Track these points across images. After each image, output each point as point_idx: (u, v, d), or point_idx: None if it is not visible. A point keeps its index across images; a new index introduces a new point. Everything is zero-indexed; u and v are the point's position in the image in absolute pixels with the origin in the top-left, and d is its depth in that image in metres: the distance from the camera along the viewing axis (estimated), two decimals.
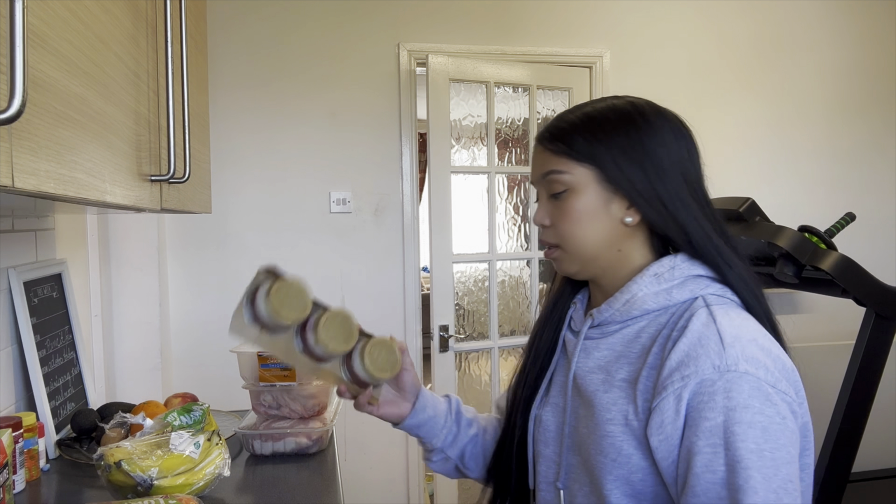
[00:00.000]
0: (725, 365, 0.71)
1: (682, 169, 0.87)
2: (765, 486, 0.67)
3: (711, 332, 0.74)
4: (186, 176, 1.29)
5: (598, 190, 0.83)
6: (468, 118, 2.76)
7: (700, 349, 0.73)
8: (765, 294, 0.84)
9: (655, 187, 0.81)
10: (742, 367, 0.71)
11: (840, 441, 2.08)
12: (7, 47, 0.58)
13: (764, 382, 0.71)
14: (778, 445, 0.69)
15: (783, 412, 0.70)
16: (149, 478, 1.10)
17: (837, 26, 3.03)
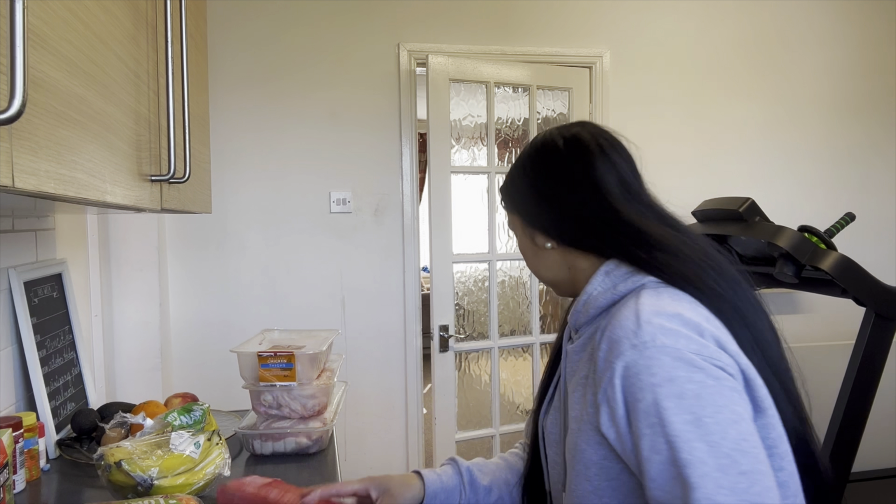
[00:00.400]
0: (643, 342, 0.71)
1: (593, 186, 0.88)
2: (713, 453, 0.65)
3: (630, 314, 0.74)
4: (186, 176, 1.29)
5: (524, 230, 0.94)
6: (468, 118, 2.76)
7: (620, 332, 0.73)
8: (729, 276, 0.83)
9: (557, 216, 0.89)
10: (659, 342, 0.70)
11: (840, 441, 2.08)
12: (7, 47, 0.58)
13: (685, 351, 0.69)
14: (717, 408, 0.67)
15: (715, 374, 0.69)
16: (149, 478, 1.10)
17: (837, 27, 3.03)
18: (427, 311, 2.73)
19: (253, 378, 1.48)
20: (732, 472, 0.64)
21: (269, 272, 2.61)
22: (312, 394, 1.49)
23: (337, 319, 2.65)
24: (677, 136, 2.90)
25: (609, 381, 0.72)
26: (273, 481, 1.08)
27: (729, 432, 0.66)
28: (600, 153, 0.90)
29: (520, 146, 2.85)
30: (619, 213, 0.86)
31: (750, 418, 0.70)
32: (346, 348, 2.64)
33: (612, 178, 0.89)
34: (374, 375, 2.68)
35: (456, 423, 2.66)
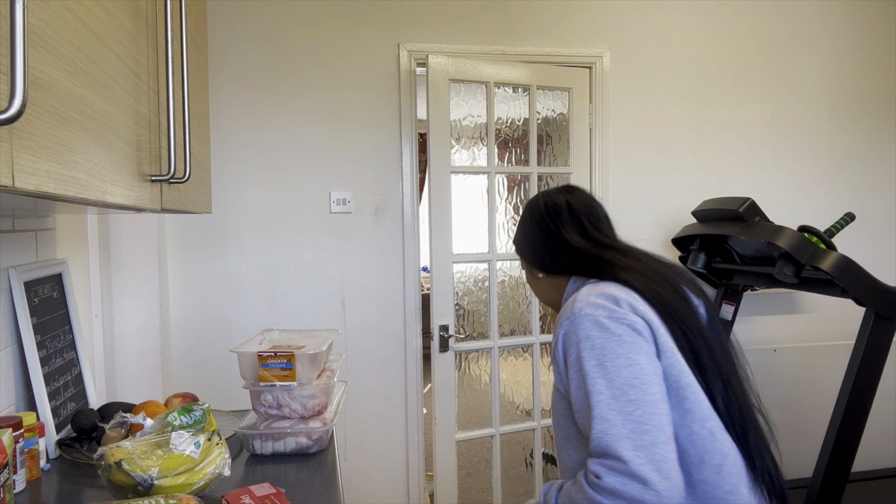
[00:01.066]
0: (573, 314, 1.04)
1: (560, 236, 1.26)
2: (609, 386, 0.95)
3: (572, 299, 1.09)
4: (187, 176, 1.29)
5: (527, 267, 1.34)
6: (468, 118, 2.76)
7: (563, 312, 1.07)
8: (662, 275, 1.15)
9: (537, 255, 1.28)
10: (584, 312, 1.03)
11: (840, 441, 2.08)
12: (7, 47, 0.58)
13: (600, 317, 1.02)
14: (615, 355, 0.97)
15: (618, 332, 1.00)
16: (149, 477, 1.10)
17: (837, 26, 3.03)
18: (427, 311, 2.73)
19: (253, 378, 1.48)
20: (622, 399, 0.94)
21: (269, 272, 2.61)
22: (312, 394, 1.49)
23: (337, 319, 2.65)
24: (677, 135, 2.90)
25: (555, 347, 1.06)
26: (276, 492, 1.08)
27: (622, 372, 0.96)
28: (569, 214, 1.27)
29: (520, 146, 2.85)
30: (578, 250, 1.24)
31: (647, 363, 0.98)
32: (346, 348, 2.65)
33: (576, 230, 1.26)
34: (374, 375, 2.68)
35: (456, 423, 2.66)
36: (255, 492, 1.09)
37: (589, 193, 1.33)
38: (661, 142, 2.89)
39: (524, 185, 2.84)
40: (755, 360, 2.94)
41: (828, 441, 2.11)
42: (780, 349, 2.97)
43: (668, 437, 0.91)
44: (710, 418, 1.01)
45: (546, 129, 2.89)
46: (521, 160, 2.86)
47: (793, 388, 2.96)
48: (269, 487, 1.12)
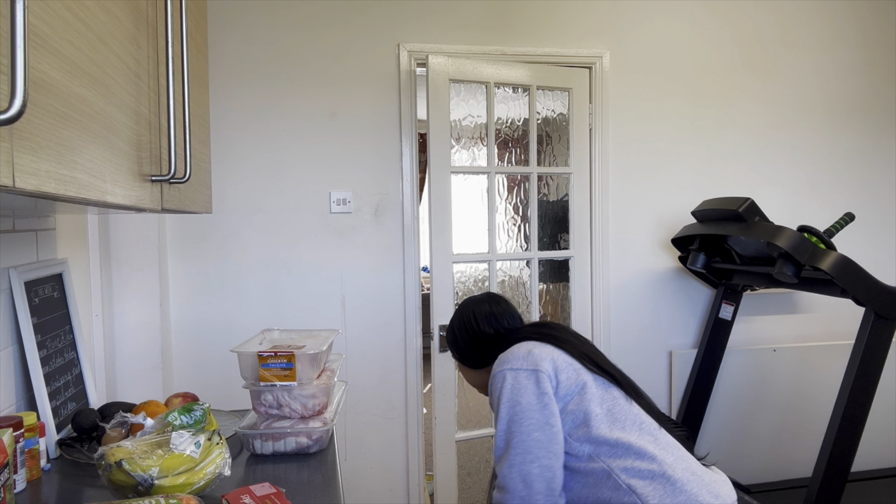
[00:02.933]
0: (497, 368, 1.39)
1: (471, 334, 1.59)
2: (507, 420, 1.32)
3: (497, 365, 1.42)
4: (187, 176, 1.29)
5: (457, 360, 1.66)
6: (468, 118, 2.77)
7: (492, 376, 1.41)
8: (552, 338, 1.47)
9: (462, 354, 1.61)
10: (506, 367, 1.37)
11: (840, 441, 2.08)
12: (8, 47, 0.58)
13: (516, 370, 1.35)
14: (517, 397, 1.33)
15: (522, 382, 1.34)
16: (149, 477, 1.10)
17: (837, 27, 3.03)
18: (427, 311, 2.73)
19: (253, 378, 1.48)
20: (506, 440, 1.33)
21: (269, 272, 2.61)
22: (312, 393, 1.50)
23: (337, 319, 2.65)
24: (677, 135, 2.90)
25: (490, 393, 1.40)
26: (277, 492, 1.08)
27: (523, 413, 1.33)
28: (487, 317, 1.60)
29: (520, 146, 2.85)
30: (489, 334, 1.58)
31: (537, 410, 1.32)
32: (346, 348, 2.65)
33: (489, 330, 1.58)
34: (374, 375, 2.69)
35: (456, 423, 2.66)
36: (256, 491, 1.09)
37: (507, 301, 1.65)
38: (661, 142, 2.89)
39: (524, 185, 2.85)
40: (755, 360, 2.95)
41: (827, 441, 2.11)
42: (779, 349, 2.98)
43: (533, 458, 1.28)
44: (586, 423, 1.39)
45: (546, 130, 2.89)
46: (521, 160, 2.86)
47: (792, 388, 2.97)
48: (270, 487, 1.13)
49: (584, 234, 2.82)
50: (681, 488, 1.29)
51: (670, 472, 1.30)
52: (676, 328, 2.96)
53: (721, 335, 2.80)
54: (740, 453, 2.94)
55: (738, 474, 2.83)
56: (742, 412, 2.94)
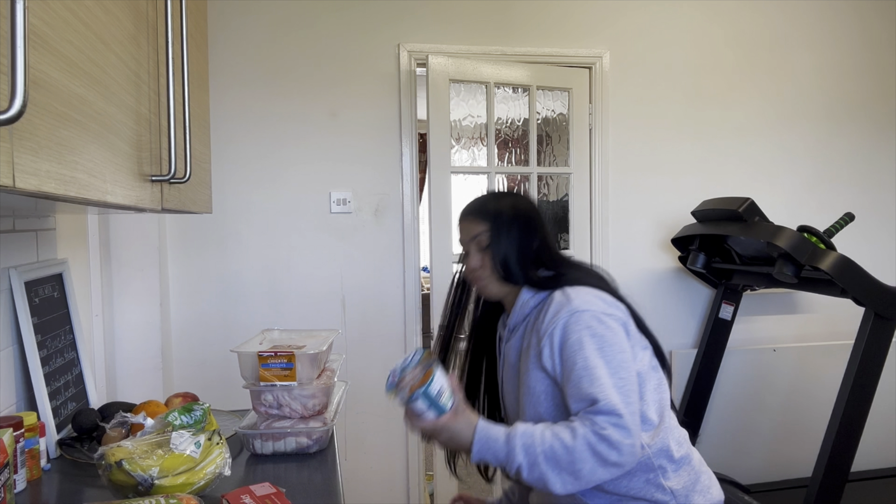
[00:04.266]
0: (572, 308, 1.22)
1: (522, 238, 1.34)
2: (606, 365, 1.17)
3: (563, 298, 1.25)
4: (187, 176, 1.29)
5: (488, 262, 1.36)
6: (468, 118, 2.77)
7: (558, 307, 1.24)
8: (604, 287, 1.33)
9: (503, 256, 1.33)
10: (582, 307, 1.22)
11: (840, 441, 2.08)
12: (8, 48, 0.58)
13: (597, 312, 1.22)
14: (611, 344, 1.19)
15: (612, 326, 1.22)
16: (149, 477, 1.10)
17: (837, 26, 3.03)
18: (427, 311, 2.72)
19: (253, 378, 1.49)
20: (615, 377, 1.17)
21: (269, 272, 2.61)
22: (313, 393, 1.50)
23: (337, 319, 2.65)
24: (677, 135, 2.90)
25: (552, 332, 1.23)
26: (277, 492, 1.08)
27: (616, 357, 1.19)
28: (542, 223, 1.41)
29: (520, 146, 2.85)
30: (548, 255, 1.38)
31: (629, 351, 1.22)
32: (346, 348, 2.65)
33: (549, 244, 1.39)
34: (374, 375, 2.68)
35: None
36: (256, 491, 1.10)
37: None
38: (661, 142, 2.89)
39: (524, 185, 2.85)
40: (755, 360, 2.95)
41: (827, 441, 2.11)
42: (779, 349, 2.97)
43: (637, 407, 1.19)
44: (662, 383, 1.32)
45: (546, 130, 2.89)
46: (521, 160, 2.86)
47: (792, 388, 2.97)
48: (270, 487, 1.13)
49: (584, 234, 2.82)
50: (705, 484, 1.29)
51: (698, 467, 1.31)
52: (676, 328, 2.96)
53: (721, 335, 2.80)
54: (740, 453, 2.94)
55: (738, 474, 2.83)
56: (742, 412, 2.93)
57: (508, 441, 1.15)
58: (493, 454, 1.16)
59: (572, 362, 1.18)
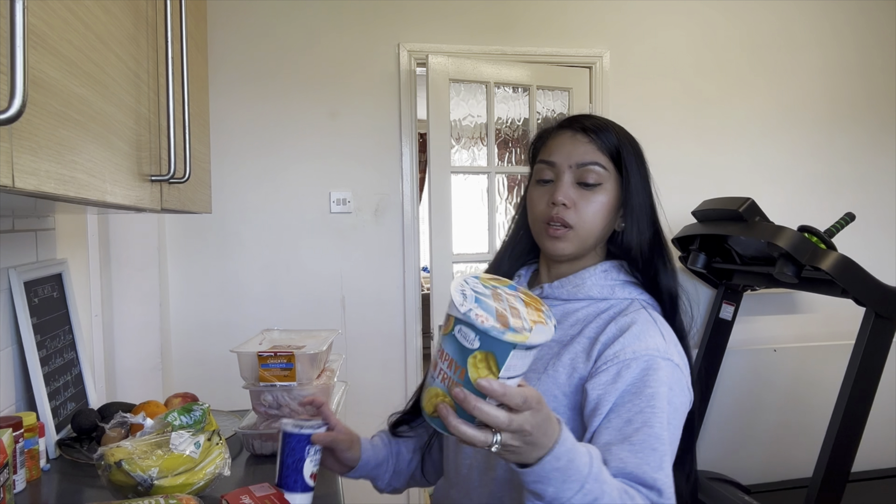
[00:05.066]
0: (668, 353, 0.94)
1: (653, 194, 1.09)
2: (667, 425, 0.89)
3: (654, 329, 0.96)
4: (187, 176, 1.29)
5: (618, 195, 1.02)
6: (468, 118, 2.76)
7: (649, 338, 0.94)
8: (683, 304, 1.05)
9: (645, 211, 1.05)
10: (675, 360, 0.94)
11: (840, 441, 2.08)
12: (7, 47, 0.58)
13: (682, 373, 0.95)
14: (676, 406, 0.92)
15: (685, 390, 0.95)
16: (149, 477, 1.10)
17: (837, 26, 3.03)
18: (427, 311, 2.72)
19: (253, 378, 1.48)
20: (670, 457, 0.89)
21: (269, 272, 2.61)
22: (312, 394, 1.49)
23: (337, 319, 2.65)
24: (677, 135, 2.90)
25: (626, 364, 0.92)
26: (276, 492, 1.08)
27: (676, 419, 0.92)
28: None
29: (520, 146, 2.85)
30: (662, 233, 1.10)
31: (684, 417, 0.95)
32: (346, 348, 2.64)
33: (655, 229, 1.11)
34: (374, 375, 2.68)
35: None
36: (255, 492, 1.09)
37: None
38: (661, 141, 2.89)
39: (524, 185, 2.84)
40: (755, 361, 2.95)
41: (828, 441, 2.11)
42: (780, 349, 2.97)
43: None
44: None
45: None
46: (521, 160, 2.86)
47: (793, 388, 2.96)
48: (269, 488, 1.12)
49: None
50: None
51: None
52: None
53: (721, 335, 2.80)
54: (740, 453, 2.93)
55: (738, 474, 2.83)
56: (742, 412, 2.93)
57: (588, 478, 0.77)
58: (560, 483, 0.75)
59: (639, 412, 0.88)
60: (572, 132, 1.01)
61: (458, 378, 0.68)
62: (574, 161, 0.99)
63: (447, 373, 0.70)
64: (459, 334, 0.68)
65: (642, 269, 1.02)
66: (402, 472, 1.27)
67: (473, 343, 0.68)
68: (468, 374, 0.68)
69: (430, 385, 0.73)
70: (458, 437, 0.70)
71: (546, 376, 0.97)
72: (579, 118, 1.03)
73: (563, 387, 0.96)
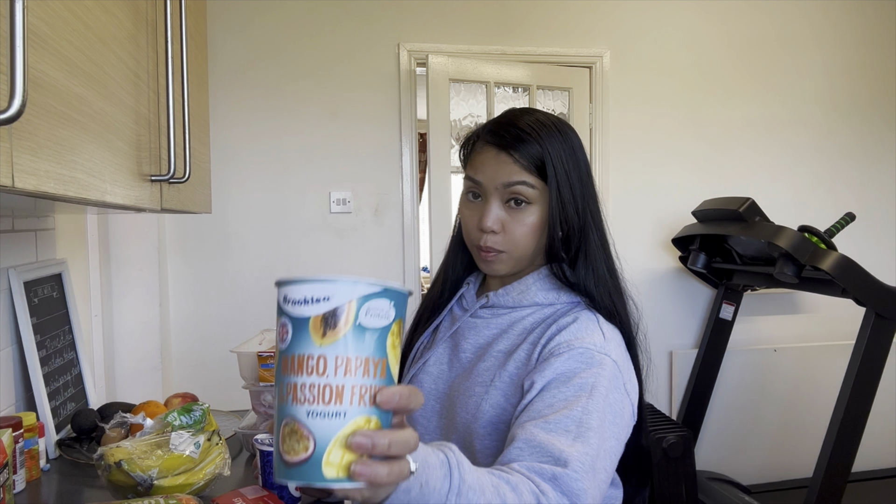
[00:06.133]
0: (606, 349, 0.90)
1: (594, 188, 1.00)
2: (601, 441, 0.82)
3: (594, 326, 0.93)
4: (186, 176, 1.29)
5: (547, 208, 0.94)
6: (468, 118, 2.76)
7: (587, 333, 0.91)
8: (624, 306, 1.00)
9: (582, 211, 0.96)
10: (614, 356, 0.90)
11: (840, 441, 2.08)
12: (7, 47, 0.58)
13: (620, 373, 0.89)
14: (612, 404, 0.86)
15: (622, 395, 0.89)
16: (149, 478, 1.10)
17: (837, 26, 3.03)
18: None
19: (253, 378, 1.48)
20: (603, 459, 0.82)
21: (269, 272, 2.60)
22: None
23: None
24: (677, 135, 2.90)
25: (561, 353, 0.88)
26: (269, 494, 1.08)
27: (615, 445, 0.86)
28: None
29: None
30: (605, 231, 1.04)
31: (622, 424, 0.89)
32: None
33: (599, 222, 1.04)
34: None
35: None
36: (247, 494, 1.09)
37: None
38: (661, 142, 2.89)
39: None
40: (755, 361, 2.95)
41: (828, 441, 2.11)
42: (780, 349, 2.97)
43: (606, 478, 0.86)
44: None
45: None
46: None
47: (793, 388, 2.96)
48: (260, 490, 1.12)
49: None
50: None
51: None
52: (677, 328, 2.96)
53: (721, 335, 2.80)
54: (741, 453, 2.93)
55: (739, 474, 2.83)
56: (742, 412, 2.93)
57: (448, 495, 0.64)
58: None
59: (563, 399, 0.84)
60: (496, 150, 0.94)
61: (381, 378, 0.54)
62: (499, 182, 0.94)
63: (363, 384, 0.53)
64: (368, 317, 0.54)
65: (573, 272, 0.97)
66: None
67: (389, 314, 0.55)
68: (389, 364, 0.55)
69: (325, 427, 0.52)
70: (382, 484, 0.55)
71: (493, 388, 0.93)
72: (502, 129, 0.95)
73: (511, 397, 0.91)
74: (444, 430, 0.98)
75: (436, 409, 1.00)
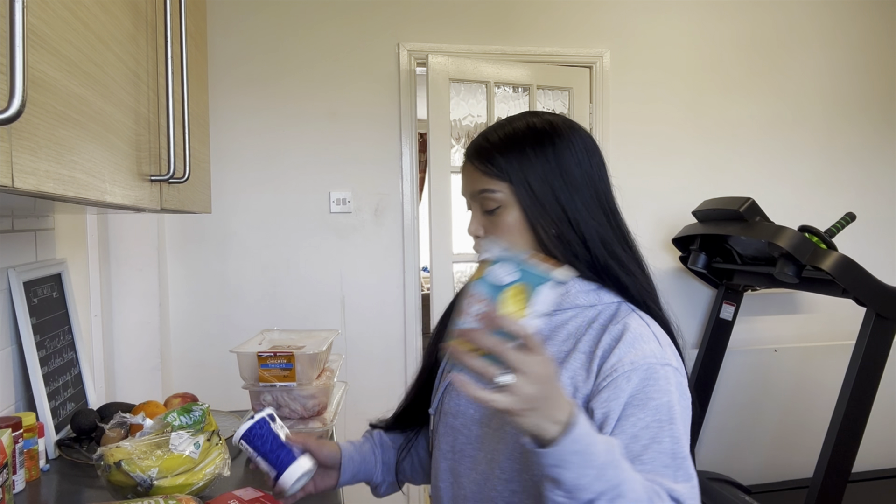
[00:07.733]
0: (665, 358, 0.90)
1: (593, 183, 1.00)
2: (682, 434, 0.86)
3: (648, 333, 0.92)
4: (186, 176, 1.28)
5: (520, 206, 0.94)
6: (468, 118, 2.76)
7: (643, 343, 0.90)
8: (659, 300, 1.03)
9: (564, 205, 0.95)
10: (674, 364, 0.91)
11: (840, 441, 2.08)
12: (7, 47, 0.58)
13: (682, 377, 0.91)
14: (684, 408, 0.89)
15: (686, 393, 0.91)
16: (149, 478, 1.10)
17: (837, 26, 3.03)
18: (427, 312, 2.72)
19: (253, 378, 1.48)
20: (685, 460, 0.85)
21: (269, 272, 2.60)
22: (312, 394, 1.49)
23: (337, 319, 2.65)
24: (677, 135, 2.90)
25: (629, 375, 0.87)
26: (264, 495, 1.07)
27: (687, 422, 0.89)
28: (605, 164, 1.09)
29: None
30: (622, 226, 1.05)
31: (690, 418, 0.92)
32: (346, 348, 2.64)
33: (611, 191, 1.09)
34: (374, 376, 2.68)
35: None
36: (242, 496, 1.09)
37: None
38: (661, 142, 2.88)
39: None
40: (756, 361, 2.95)
41: (828, 441, 2.11)
42: (780, 349, 2.97)
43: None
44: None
45: None
46: None
47: (793, 388, 2.96)
48: (255, 491, 1.12)
49: None
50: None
51: None
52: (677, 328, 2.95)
53: (722, 335, 2.80)
54: (741, 453, 2.93)
55: (739, 474, 2.83)
56: (743, 412, 2.93)
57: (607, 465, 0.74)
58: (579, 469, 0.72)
59: (645, 428, 0.84)
60: (466, 162, 0.99)
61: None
62: (471, 192, 0.97)
63: (476, 310, 0.70)
64: (495, 272, 0.71)
65: (599, 272, 0.96)
66: (390, 463, 1.24)
67: (511, 276, 0.70)
68: (498, 310, 0.70)
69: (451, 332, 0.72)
70: (470, 367, 0.69)
71: None
72: (473, 141, 0.99)
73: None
74: (485, 438, 0.96)
75: (475, 418, 0.98)
